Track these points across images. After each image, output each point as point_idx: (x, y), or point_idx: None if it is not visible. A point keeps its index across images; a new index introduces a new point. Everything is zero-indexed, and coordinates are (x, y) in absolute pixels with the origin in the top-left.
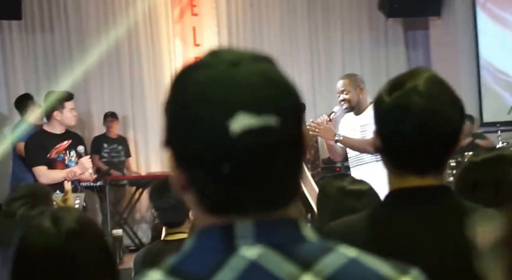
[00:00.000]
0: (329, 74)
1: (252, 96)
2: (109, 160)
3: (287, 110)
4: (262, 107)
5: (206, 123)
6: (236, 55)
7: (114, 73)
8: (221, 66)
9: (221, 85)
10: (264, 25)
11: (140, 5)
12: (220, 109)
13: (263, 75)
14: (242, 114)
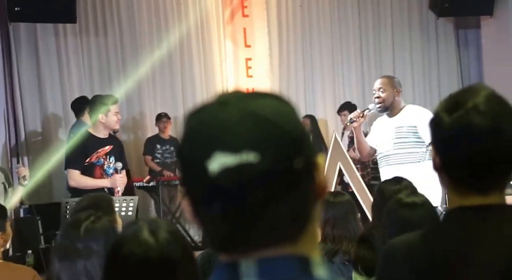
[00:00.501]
0: (379, 73)
1: (230, 134)
2: (162, 160)
3: (270, 146)
4: (240, 145)
5: (192, 164)
6: (230, 95)
7: (166, 74)
8: (212, 107)
9: (205, 126)
10: (314, 25)
11: (192, 7)
12: (201, 149)
13: (247, 112)
14: (219, 153)
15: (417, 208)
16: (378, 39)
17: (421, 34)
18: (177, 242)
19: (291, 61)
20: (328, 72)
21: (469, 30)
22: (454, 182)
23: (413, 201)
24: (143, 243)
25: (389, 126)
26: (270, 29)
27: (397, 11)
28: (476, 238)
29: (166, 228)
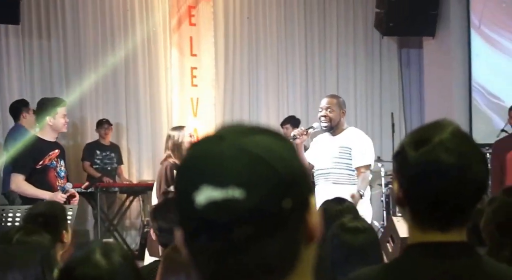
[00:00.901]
0: (323, 88)
1: (219, 168)
2: (101, 166)
3: (258, 184)
4: (227, 180)
5: (182, 195)
6: (229, 129)
7: (109, 79)
8: (209, 140)
9: (198, 158)
10: (260, 38)
11: (139, 14)
12: (190, 181)
13: (240, 148)
14: (206, 186)
15: (360, 234)
16: (323, 55)
17: (365, 52)
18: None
19: (237, 72)
20: (273, 85)
21: (412, 50)
22: (416, 217)
23: (356, 226)
24: (96, 265)
25: (331, 144)
26: (216, 39)
27: (343, 28)
28: (435, 275)
29: (119, 252)
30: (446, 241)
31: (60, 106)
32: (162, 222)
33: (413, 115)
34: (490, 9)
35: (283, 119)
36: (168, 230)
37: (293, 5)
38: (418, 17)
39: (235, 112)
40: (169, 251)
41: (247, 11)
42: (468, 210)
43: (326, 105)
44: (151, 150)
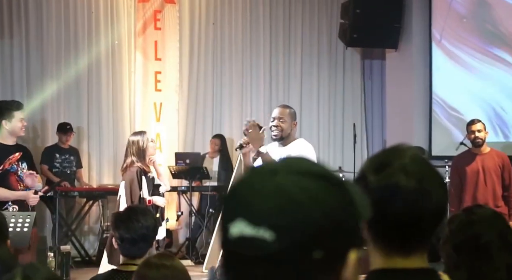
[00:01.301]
0: (286, 96)
1: (258, 206)
2: (60, 170)
3: (290, 230)
4: (262, 219)
5: (222, 221)
6: (284, 166)
7: (72, 82)
8: (263, 172)
9: (244, 188)
10: (225, 45)
11: (103, 17)
12: (230, 210)
13: (284, 190)
14: (241, 220)
15: None
16: (287, 63)
17: (329, 62)
18: None
19: (201, 77)
20: (237, 92)
21: (375, 61)
22: (377, 242)
23: None
24: None
25: (281, 154)
26: (181, 44)
27: (308, 37)
28: None
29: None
30: (408, 268)
31: (16, 110)
32: (124, 232)
33: (375, 126)
34: (451, 24)
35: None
36: (131, 240)
37: (258, 13)
38: (381, 29)
39: (198, 118)
40: (141, 268)
41: (212, 17)
42: (428, 234)
43: (279, 116)
44: (112, 154)
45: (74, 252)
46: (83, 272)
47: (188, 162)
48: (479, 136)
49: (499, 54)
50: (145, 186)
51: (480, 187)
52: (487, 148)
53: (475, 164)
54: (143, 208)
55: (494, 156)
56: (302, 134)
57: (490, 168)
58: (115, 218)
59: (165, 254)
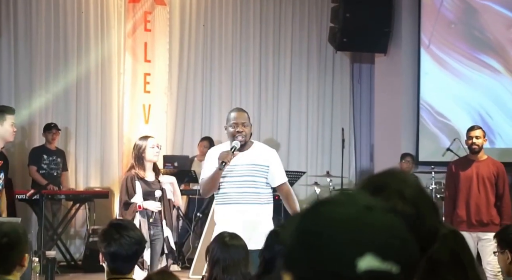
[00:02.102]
0: (276, 99)
1: (381, 241)
2: (47, 171)
3: (408, 263)
4: (389, 254)
5: (337, 256)
6: (370, 200)
7: (60, 83)
8: (356, 207)
9: (355, 224)
10: (215, 47)
11: (93, 16)
12: (352, 246)
13: (392, 224)
14: (370, 255)
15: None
16: (277, 66)
17: (318, 66)
18: None
19: (190, 79)
20: (226, 95)
21: (364, 65)
22: None
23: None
24: None
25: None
26: (171, 45)
27: (297, 41)
28: None
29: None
30: None
31: (9, 114)
32: (118, 249)
33: (363, 130)
34: (439, 30)
35: None
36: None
37: (249, 15)
38: (371, 34)
39: (187, 120)
40: None
41: (203, 19)
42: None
43: (243, 121)
44: (99, 156)
45: (59, 256)
46: (68, 277)
47: (176, 165)
48: (476, 142)
49: (486, 60)
50: (139, 191)
51: (473, 194)
52: (484, 156)
53: (470, 170)
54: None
55: (489, 164)
56: (291, 138)
57: (484, 176)
58: (105, 235)
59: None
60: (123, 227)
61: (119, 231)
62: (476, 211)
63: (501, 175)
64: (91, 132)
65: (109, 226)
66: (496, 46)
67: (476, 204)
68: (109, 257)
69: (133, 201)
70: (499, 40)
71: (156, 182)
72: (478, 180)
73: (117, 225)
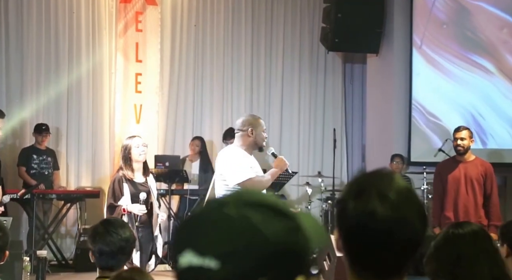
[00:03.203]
0: (267, 99)
1: (202, 236)
2: (38, 171)
3: (236, 259)
4: (208, 250)
5: (174, 252)
6: (237, 197)
7: (51, 82)
8: (213, 204)
9: (194, 220)
10: (207, 47)
11: (84, 16)
12: (179, 241)
13: (228, 220)
14: (189, 251)
15: None
16: (269, 67)
17: (310, 66)
18: None
19: (182, 80)
20: (218, 95)
21: (356, 65)
22: (354, 266)
23: None
24: None
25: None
26: (163, 45)
27: (289, 41)
28: None
29: None
30: None
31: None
32: (103, 245)
33: (355, 130)
34: (431, 30)
35: (224, 132)
36: (110, 253)
37: (241, 16)
38: (363, 34)
39: (179, 120)
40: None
41: (194, 19)
42: (403, 262)
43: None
44: (91, 156)
45: (50, 256)
46: (59, 276)
47: (167, 165)
48: (460, 144)
49: (478, 60)
50: (127, 193)
51: (461, 196)
52: (472, 156)
53: (457, 171)
54: (120, 220)
55: (477, 165)
56: (283, 138)
57: (472, 177)
58: (92, 231)
59: (136, 269)
60: (110, 224)
61: (106, 227)
62: (465, 212)
63: (489, 175)
64: (82, 132)
65: (98, 223)
66: (488, 46)
67: (464, 206)
68: (95, 253)
69: (119, 204)
70: (491, 40)
71: (145, 183)
72: (466, 181)
73: (105, 222)
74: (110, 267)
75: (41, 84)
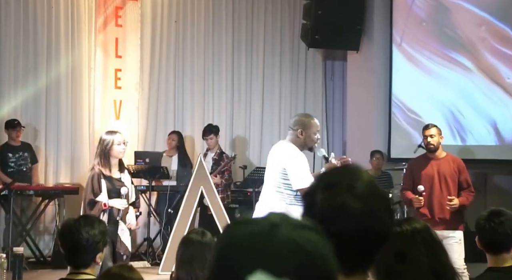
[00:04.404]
0: (248, 96)
1: (275, 259)
2: (16, 169)
3: (311, 277)
4: (281, 272)
5: (229, 273)
6: (281, 218)
7: (30, 77)
8: (262, 225)
9: (252, 241)
10: (188, 43)
11: (63, 11)
12: (244, 262)
13: (295, 242)
14: (261, 272)
15: None
16: (249, 63)
17: (291, 63)
18: None
19: (162, 76)
20: (199, 91)
21: (336, 62)
22: None
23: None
24: None
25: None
26: (143, 41)
27: (270, 37)
28: None
29: None
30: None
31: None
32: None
33: (335, 127)
34: (411, 28)
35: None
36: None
37: (221, 12)
38: (343, 31)
39: (159, 116)
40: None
41: (175, 15)
42: (370, 255)
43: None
44: (70, 152)
45: (28, 252)
46: (37, 273)
47: (147, 161)
48: (431, 141)
49: (457, 58)
50: (104, 189)
51: (436, 193)
52: (443, 153)
53: (430, 168)
54: (90, 218)
55: (450, 161)
56: (263, 134)
57: (446, 173)
58: (59, 230)
59: (126, 266)
60: (77, 221)
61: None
62: (440, 209)
63: (462, 170)
64: (61, 128)
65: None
66: (467, 44)
67: (439, 203)
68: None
69: (98, 200)
70: (470, 38)
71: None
72: (440, 178)
73: (74, 220)
74: (75, 265)
75: (19, 80)
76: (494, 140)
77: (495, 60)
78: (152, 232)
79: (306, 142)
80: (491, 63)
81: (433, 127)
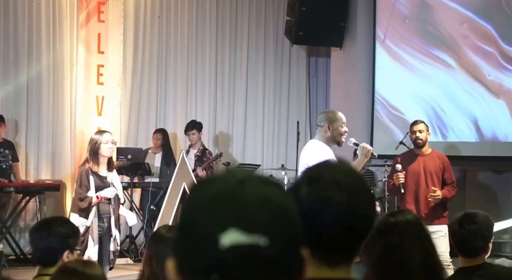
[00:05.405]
0: (232, 93)
1: (247, 214)
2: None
3: (279, 235)
4: (254, 227)
5: (202, 233)
6: (246, 174)
7: (10, 73)
8: (229, 183)
9: (222, 200)
10: (171, 39)
11: (45, 6)
12: (215, 221)
13: (264, 197)
14: (234, 230)
15: None
16: (233, 59)
17: (275, 59)
18: None
19: (145, 71)
20: (182, 87)
21: (320, 59)
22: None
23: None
24: None
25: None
26: (125, 37)
27: (254, 33)
28: None
29: None
30: (334, 278)
31: None
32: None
33: None
34: (394, 25)
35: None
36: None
37: (205, 8)
38: (327, 28)
39: (142, 112)
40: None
41: (158, 11)
42: (354, 247)
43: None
44: (51, 148)
45: (8, 250)
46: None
47: (129, 157)
48: (419, 136)
49: (439, 55)
50: (93, 186)
51: (422, 189)
52: (429, 149)
53: (416, 164)
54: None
55: (435, 158)
56: (247, 131)
57: (431, 170)
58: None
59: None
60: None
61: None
62: (426, 205)
63: (446, 167)
64: (42, 124)
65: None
66: (450, 41)
67: (425, 198)
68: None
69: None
70: (453, 35)
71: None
72: (426, 174)
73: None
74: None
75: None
76: (475, 136)
77: (476, 57)
78: (134, 229)
79: (334, 136)
80: (473, 60)
81: (421, 123)
